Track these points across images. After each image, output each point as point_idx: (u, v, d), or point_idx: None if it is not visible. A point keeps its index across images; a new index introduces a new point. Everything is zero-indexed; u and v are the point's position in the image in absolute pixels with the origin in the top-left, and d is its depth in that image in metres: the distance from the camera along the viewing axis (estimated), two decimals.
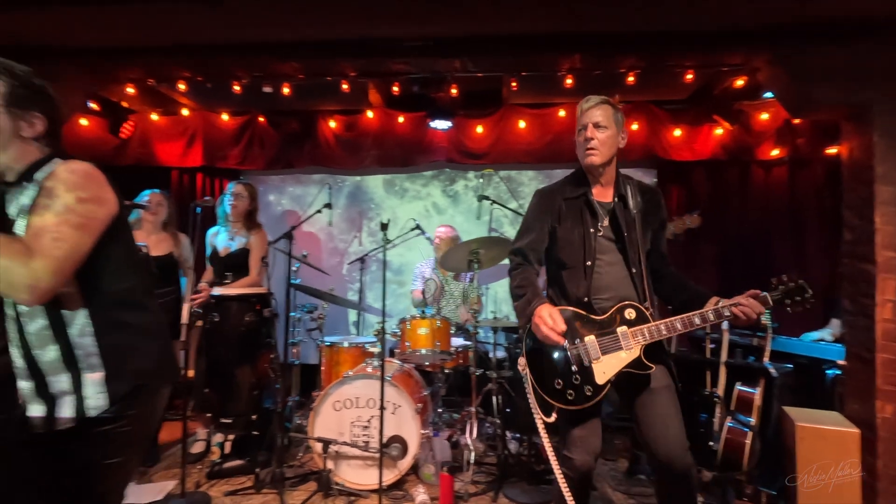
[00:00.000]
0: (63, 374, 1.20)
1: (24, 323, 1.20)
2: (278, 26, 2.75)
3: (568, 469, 1.79)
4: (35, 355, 1.20)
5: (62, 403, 1.20)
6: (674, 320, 1.70)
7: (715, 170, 4.29)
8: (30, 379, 1.21)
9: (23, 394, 1.22)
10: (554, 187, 1.96)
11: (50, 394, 1.20)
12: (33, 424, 1.20)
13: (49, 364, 1.20)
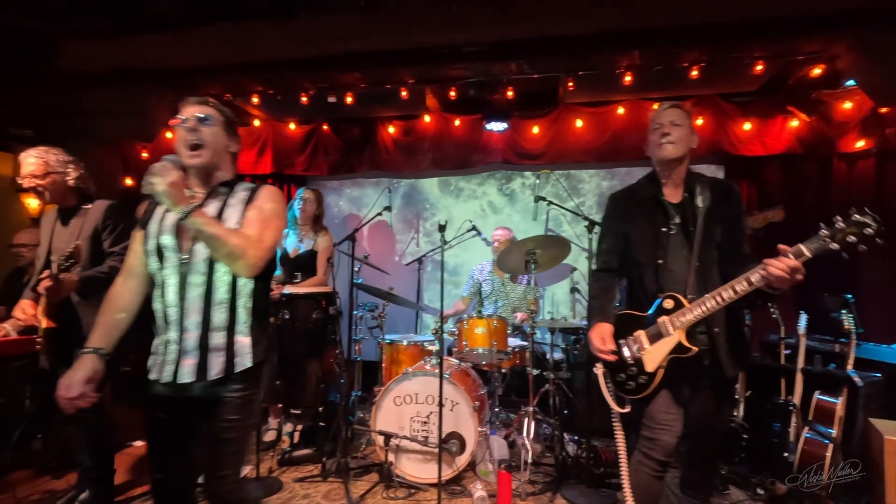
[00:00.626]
0: (225, 333, 1.51)
1: (214, 289, 1.51)
2: (343, 40, 2.91)
3: (650, 449, 1.91)
4: (211, 315, 1.50)
5: (217, 356, 1.49)
6: (705, 299, 1.76)
7: (790, 164, 4.03)
8: (198, 331, 1.48)
9: (184, 346, 1.48)
10: (626, 191, 2.10)
11: (209, 346, 1.48)
12: (183, 371, 1.46)
13: (218, 324, 1.50)
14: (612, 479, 2.82)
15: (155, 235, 1.52)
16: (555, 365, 3.47)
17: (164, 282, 1.50)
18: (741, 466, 3.00)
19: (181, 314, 1.48)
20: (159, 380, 1.47)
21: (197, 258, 1.50)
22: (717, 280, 1.86)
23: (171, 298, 1.48)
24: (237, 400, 1.48)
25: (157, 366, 1.49)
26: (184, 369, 1.45)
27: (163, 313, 1.50)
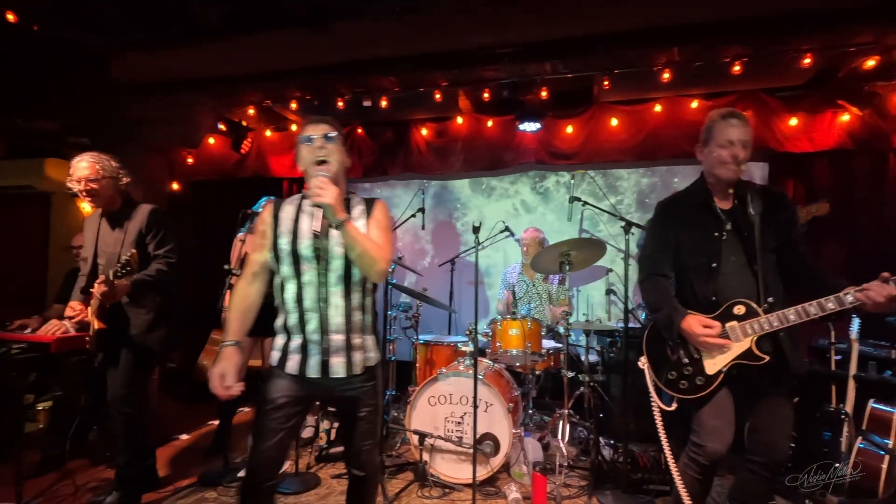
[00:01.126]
0: (361, 333, 1.70)
1: (352, 293, 1.67)
2: (378, 45, 2.97)
3: (697, 455, 1.91)
4: (352, 316, 1.67)
5: (358, 354, 1.69)
6: (786, 311, 1.77)
7: (840, 160, 3.83)
8: (342, 334, 1.66)
9: (331, 346, 1.65)
10: (675, 197, 2.14)
11: (353, 344, 1.67)
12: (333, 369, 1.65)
13: (356, 324, 1.69)
14: (650, 486, 2.76)
15: (290, 243, 1.64)
16: (590, 367, 3.43)
17: (300, 287, 1.63)
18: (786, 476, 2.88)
19: (323, 318, 1.63)
20: (303, 374, 1.64)
21: (334, 266, 1.64)
22: (780, 287, 1.91)
23: (310, 304, 1.63)
24: (372, 389, 1.74)
25: (293, 362, 1.65)
26: (334, 367, 1.65)
27: (299, 316, 1.64)
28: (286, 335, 1.69)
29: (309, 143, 1.65)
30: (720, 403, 1.90)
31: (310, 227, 1.63)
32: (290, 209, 1.71)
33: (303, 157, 1.67)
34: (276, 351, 1.70)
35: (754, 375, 1.88)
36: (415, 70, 3.05)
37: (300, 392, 1.67)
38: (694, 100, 3.87)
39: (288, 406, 1.66)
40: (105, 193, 2.50)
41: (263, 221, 1.72)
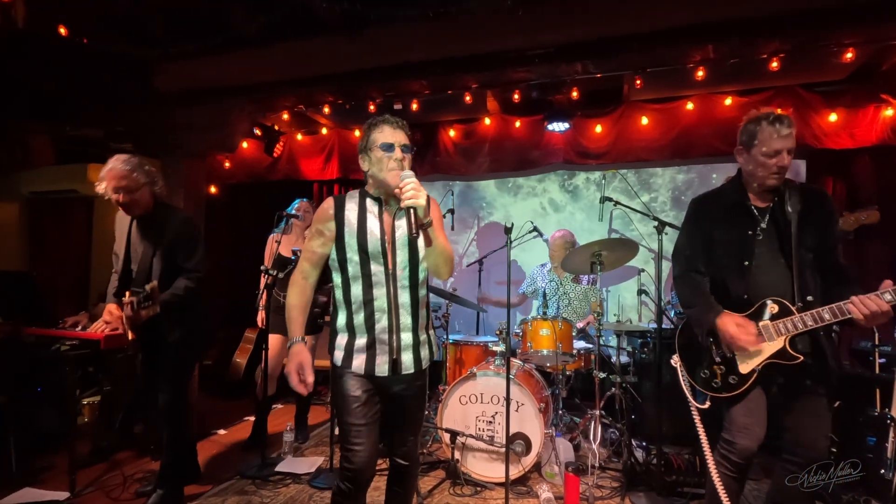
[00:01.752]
0: (425, 330, 1.79)
1: (419, 291, 1.74)
2: (410, 49, 3.01)
3: (729, 452, 1.92)
4: (419, 314, 1.74)
5: (424, 350, 1.77)
6: (822, 310, 1.76)
7: (884, 157, 3.71)
8: (410, 332, 1.72)
9: (401, 344, 1.71)
10: (710, 194, 2.14)
11: (420, 341, 1.75)
12: (404, 366, 1.71)
13: (422, 321, 1.77)
14: (684, 489, 2.73)
15: (360, 241, 1.67)
16: (621, 368, 3.40)
17: (369, 286, 1.67)
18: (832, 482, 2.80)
19: (392, 317, 1.68)
20: (372, 374, 1.68)
21: (403, 264, 1.70)
22: (817, 287, 1.88)
23: (380, 303, 1.67)
24: (425, 385, 1.84)
25: (360, 361, 1.68)
26: (405, 364, 1.71)
27: (367, 315, 1.68)
28: (350, 334, 1.71)
29: (389, 153, 1.65)
30: (753, 402, 1.90)
31: (377, 225, 1.68)
32: (354, 206, 1.72)
33: (377, 160, 1.66)
34: (339, 350, 1.72)
35: (791, 374, 1.87)
36: (445, 73, 3.08)
37: (371, 385, 1.71)
38: (728, 97, 3.80)
39: (370, 401, 1.69)
40: (137, 198, 2.44)
41: (326, 217, 1.71)
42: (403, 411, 1.79)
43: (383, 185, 1.68)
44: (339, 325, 1.74)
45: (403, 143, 1.68)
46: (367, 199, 1.74)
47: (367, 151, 1.72)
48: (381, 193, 1.72)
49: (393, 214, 1.73)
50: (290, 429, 3.33)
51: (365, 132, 1.74)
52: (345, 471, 1.67)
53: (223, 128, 3.74)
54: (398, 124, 1.71)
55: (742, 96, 3.76)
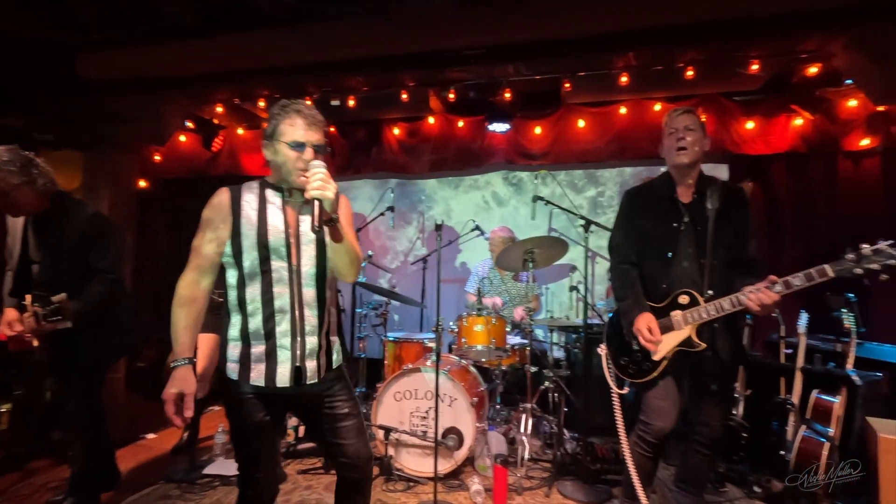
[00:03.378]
0: (327, 335, 1.61)
1: (325, 291, 1.60)
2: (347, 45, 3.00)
3: (645, 433, 2.08)
4: (324, 318, 1.59)
5: (329, 356, 1.61)
6: (722, 300, 1.91)
7: (795, 163, 3.99)
8: (315, 336, 1.57)
9: (305, 349, 1.55)
10: (642, 187, 2.28)
11: (324, 346, 1.59)
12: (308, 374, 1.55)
13: (327, 325, 1.61)
14: (608, 476, 2.85)
15: (260, 234, 1.50)
16: (555, 363, 3.51)
17: (269, 283, 1.49)
18: (741, 465, 3.01)
19: (296, 319, 1.51)
20: (273, 384, 1.49)
21: (307, 263, 1.54)
22: (728, 280, 2.01)
23: (283, 303, 1.50)
24: (346, 385, 1.66)
25: (258, 372, 1.50)
26: (309, 372, 1.54)
27: (266, 318, 1.49)
28: (245, 343, 1.51)
29: (299, 152, 1.47)
30: (665, 386, 2.06)
31: (279, 217, 1.52)
32: (253, 198, 1.54)
33: (283, 156, 1.49)
34: (232, 363, 1.51)
35: (695, 363, 2.02)
36: (383, 71, 3.09)
37: (274, 403, 1.55)
38: (657, 102, 3.99)
39: (273, 423, 1.56)
40: (14, 201, 2.15)
41: (219, 209, 1.51)
42: (332, 419, 1.60)
43: (289, 182, 1.53)
44: (233, 333, 1.53)
45: (318, 142, 1.50)
46: (268, 190, 1.57)
47: (273, 141, 1.52)
48: (284, 184, 1.56)
49: (297, 208, 1.57)
50: (223, 430, 3.24)
51: (273, 117, 1.53)
52: (246, 500, 1.58)
53: (154, 120, 3.60)
54: (314, 119, 1.51)
55: (670, 102, 3.96)
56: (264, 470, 1.57)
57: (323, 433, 1.63)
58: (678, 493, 2.26)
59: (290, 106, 1.52)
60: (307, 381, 1.54)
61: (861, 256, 1.70)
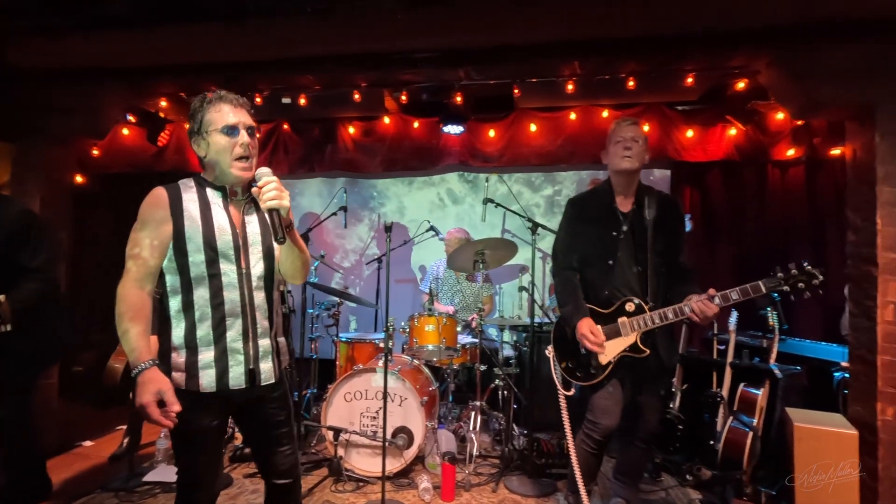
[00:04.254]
0: (276, 335, 1.60)
1: (273, 293, 1.59)
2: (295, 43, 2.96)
3: (592, 431, 2.17)
4: (274, 320, 1.58)
5: (280, 357, 1.60)
6: (667, 310, 2.03)
7: (730, 171, 4.25)
8: (268, 338, 1.56)
9: (259, 351, 1.53)
10: (585, 195, 2.38)
11: (275, 348, 1.58)
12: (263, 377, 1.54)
13: (278, 326, 1.61)
14: (553, 470, 2.96)
15: (206, 237, 1.45)
16: (505, 361, 3.60)
17: (218, 288, 1.46)
18: (676, 455, 3.18)
19: (248, 324, 1.50)
20: (226, 388, 1.46)
21: (256, 266, 1.53)
22: (664, 287, 2.14)
23: (234, 307, 1.47)
24: (286, 391, 1.64)
25: (207, 378, 1.45)
26: (263, 374, 1.53)
27: (217, 322, 1.46)
28: (190, 350, 1.45)
29: (233, 137, 1.44)
30: (611, 388, 2.16)
31: (225, 219, 1.49)
32: (194, 197, 1.48)
33: (218, 146, 1.45)
34: (177, 372, 1.44)
35: (637, 366, 2.13)
36: (334, 70, 3.07)
37: (222, 408, 1.52)
38: (605, 109, 4.15)
39: (219, 428, 1.52)
40: None
41: (157, 210, 1.44)
42: (271, 426, 1.60)
43: (227, 175, 1.48)
44: (176, 341, 1.46)
45: (249, 124, 1.48)
46: (208, 189, 1.52)
47: (201, 135, 1.47)
48: (224, 182, 1.51)
49: (241, 208, 1.55)
50: (165, 435, 3.14)
51: (196, 111, 1.49)
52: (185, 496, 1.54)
53: (91, 112, 3.42)
54: (238, 102, 1.49)
55: (616, 110, 4.12)
56: (206, 475, 1.53)
57: (262, 438, 1.62)
58: (617, 484, 2.38)
59: (212, 96, 1.49)
60: (263, 381, 1.53)
61: (789, 275, 1.89)
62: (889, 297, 2.39)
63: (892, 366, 2.37)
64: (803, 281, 1.86)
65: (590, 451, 2.21)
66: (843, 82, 2.50)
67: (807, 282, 1.86)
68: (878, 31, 2.43)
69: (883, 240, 2.40)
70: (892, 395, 2.36)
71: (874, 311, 2.42)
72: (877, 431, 2.37)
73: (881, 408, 2.37)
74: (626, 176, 2.17)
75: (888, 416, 2.36)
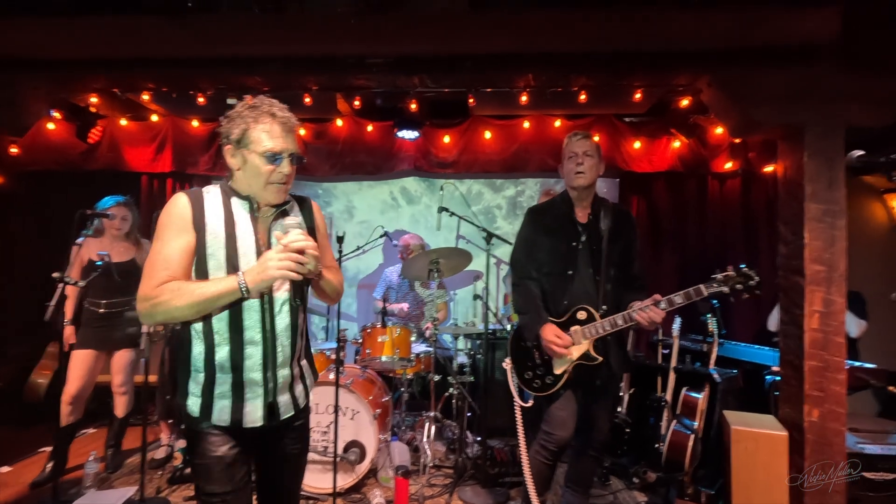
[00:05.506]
0: (300, 359, 1.50)
1: (299, 316, 1.45)
2: (242, 43, 2.82)
3: (548, 442, 2.19)
4: (297, 344, 1.46)
5: (301, 384, 1.50)
6: (616, 317, 2.07)
7: (674, 181, 4.45)
8: (288, 367, 1.44)
9: (278, 383, 1.41)
10: (544, 206, 2.38)
11: (296, 375, 1.48)
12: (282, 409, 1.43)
13: (300, 351, 1.50)
14: (506, 479, 2.98)
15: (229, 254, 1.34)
16: (459, 369, 3.59)
17: (238, 311, 1.34)
18: (624, 458, 3.29)
19: (268, 349, 1.37)
20: (240, 423, 1.35)
21: (280, 290, 1.40)
22: (618, 295, 2.17)
23: (254, 334, 1.35)
24: (306, 422, 1.56)
25: (223, 410, 1.35)
26: (282, 407, 1.43)
27: (236, 348, 1.34)
28: (208, 373, 1.34)
29: (275, 164, 1.33)
30: (566, 397, 2.18)
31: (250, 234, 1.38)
32: (218, 208, 1.37)
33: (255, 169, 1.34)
34: (194, 397, 1.35)
35: (590, 375, 2.16)
36: (283, 71, 2.94)
37: (240, 443, 1.38)
38: (557, 119, 4.23)
39: (238, 460, 1.37)
40: None
41: (183, 221, 1.33)
42: (283, 460, 1.48)
43: (258, 195, 1.39)
44: (195, 361, 1.36)
45: (294, 151, 1.37)
46: (234, 199, 1.40)
47: (240, 148, 1.35)
48: (252, 195, 1.40)
49: (268, 225, 1.42)
50: (95, 458, 2.91)
51: (239, 120, 1.36)
52: None
53: (11, 106, 3.12)
54: (289, 124, 1.37)
55: (569, 120, 4.22)
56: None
57: (271, 471, 1.50)
58: (568, 492, 2.42)
59: (262, 107, 1.35)
60: (282, 415, 1.43)
61: (727, 278, 1.97)
62: (815, 306, 2.55)
63: (818, 371, 2.53)
64: (741, 282, 1.95)
65: (544, 462, 2.23)
66: (776, 104, 2.64)
67: (744, 283, 1.94)
68: (806, 58, 2.59)
69: (810, 252, 2.56)
70: (818, 397, 2.53)
71: (802, 320, 2.58)
72: (804, 431, 2.52)
73: (808, 409, 2.53)
74: (580, 190, 2.22)
75: (814, 417, 2.52)
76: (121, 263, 3.09)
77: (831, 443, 2.51)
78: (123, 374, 3.13)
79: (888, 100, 2.53)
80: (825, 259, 2.56)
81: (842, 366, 2.54)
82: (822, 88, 2.57)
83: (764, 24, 2.54)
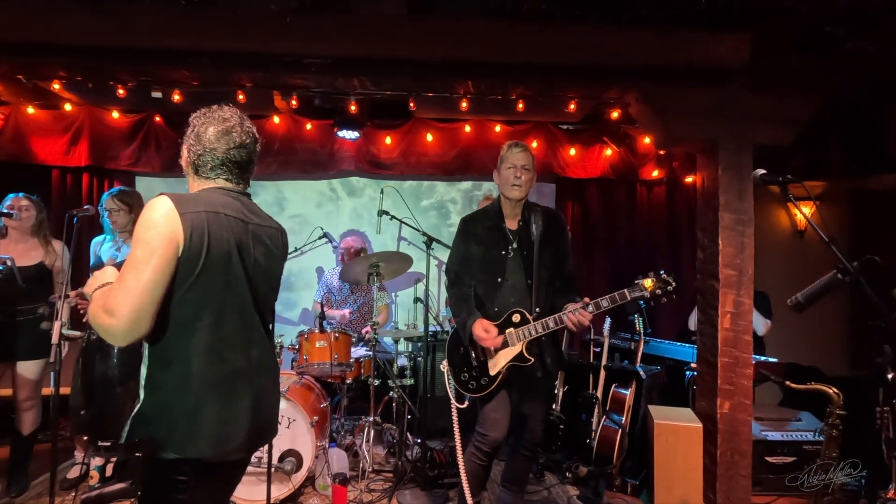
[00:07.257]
0: None
1: None
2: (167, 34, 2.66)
3: (482, 443, 2.23)
4: None
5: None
6: (548, 319, 2.13)
7: (606, 187, 4.67)
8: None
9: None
10: (476, 214, 2.46)
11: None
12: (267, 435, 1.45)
13: None
14: (444, 480, 3.01)
15: None
16: (399, 372, 3.59)
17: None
18: (558, 454, 3.42)
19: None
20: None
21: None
22: (551, 297, 2.24)
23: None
24: None
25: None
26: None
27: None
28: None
29: None
30: (500, 398, 2.23)
31: None
32: None
33: None
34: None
35: (524, 375, 2.22)
36: (214, 67, 2.80)
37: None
38: (497, 124, 4.32)
39: None
40: None
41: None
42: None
43: None
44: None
45: None
46: None
47: None
48: None
49: None
50: None
51: None
52: None
53: None
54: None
55: (508, 125, 4.32)
56: None
57: None
58: (504, 492, 2.49)
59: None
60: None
61: (648, 283, 2.08)
62: (727, 307, 2.78)
63: (730, 366, 2.76)
64: (660, 287, 2.08)
65: (479, 463, 2.28)
66: (694, 121, 2.85)
67: (663, 288, 2.07)
68: (720, 79, 2.81)
69: (723, 258, 2.79)
70: (729, 391, 2.76)
71: (716, 320, 2.81)
72: (717, 422, 2.75)
73: (720, 402, 2.76)
74: (515, 202, 2.29)
75: (725, 409, 2.75)
76: (27, 267, 2.82)
77: (739, 432, 2.75)
78: (29, 388, 2.86)
79: (789, 121, 2.80)
80: (736, 264, 2.79)
81: (749, 361, 2.79)
82: (733, 108, 2.80)
83: (685, 45, 2.73)
